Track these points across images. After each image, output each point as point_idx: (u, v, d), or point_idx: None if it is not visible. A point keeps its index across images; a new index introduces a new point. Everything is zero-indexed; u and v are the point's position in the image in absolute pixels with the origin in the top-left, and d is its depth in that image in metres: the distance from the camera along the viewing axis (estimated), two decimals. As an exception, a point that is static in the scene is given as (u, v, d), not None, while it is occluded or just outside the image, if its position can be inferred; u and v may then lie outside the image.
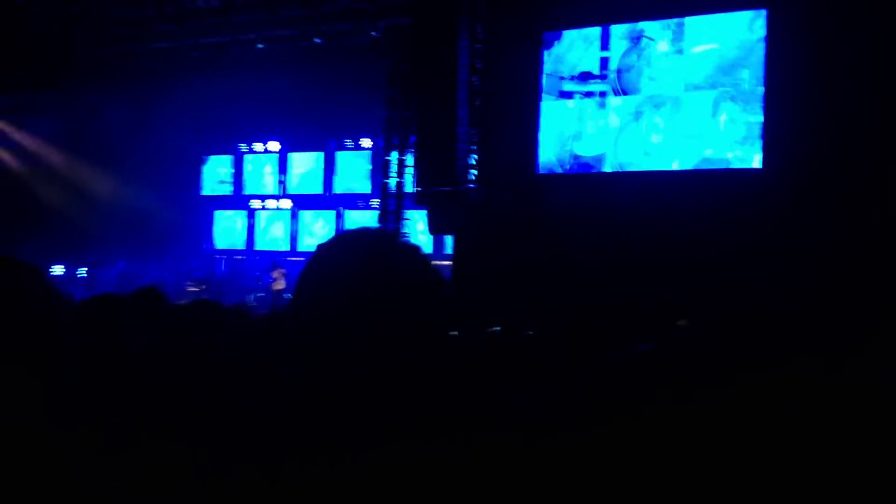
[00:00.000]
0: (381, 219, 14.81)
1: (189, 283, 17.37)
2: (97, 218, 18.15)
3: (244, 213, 19.08)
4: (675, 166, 11.65)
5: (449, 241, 14.12)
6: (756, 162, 10.99)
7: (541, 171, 12.67)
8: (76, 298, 4.31)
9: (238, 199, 19.17)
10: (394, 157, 14.73)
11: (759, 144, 10.97)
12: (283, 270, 16.51)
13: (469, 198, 12.86)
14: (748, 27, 11.16)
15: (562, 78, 12.56)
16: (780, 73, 10.67)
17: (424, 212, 13.55)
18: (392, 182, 14.79)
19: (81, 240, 18.13)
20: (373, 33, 14.86)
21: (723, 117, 11.30)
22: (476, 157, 12.96)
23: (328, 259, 1.22)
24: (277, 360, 2.53)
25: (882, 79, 9.57)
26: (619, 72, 12.12)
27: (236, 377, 2.59)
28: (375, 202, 16.38)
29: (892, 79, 9.50)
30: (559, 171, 12.57)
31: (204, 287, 17.20)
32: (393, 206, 14.71)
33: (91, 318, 2.80)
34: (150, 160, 17.99)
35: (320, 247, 1.28)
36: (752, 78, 11.09)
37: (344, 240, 1.33)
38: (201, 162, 19.52)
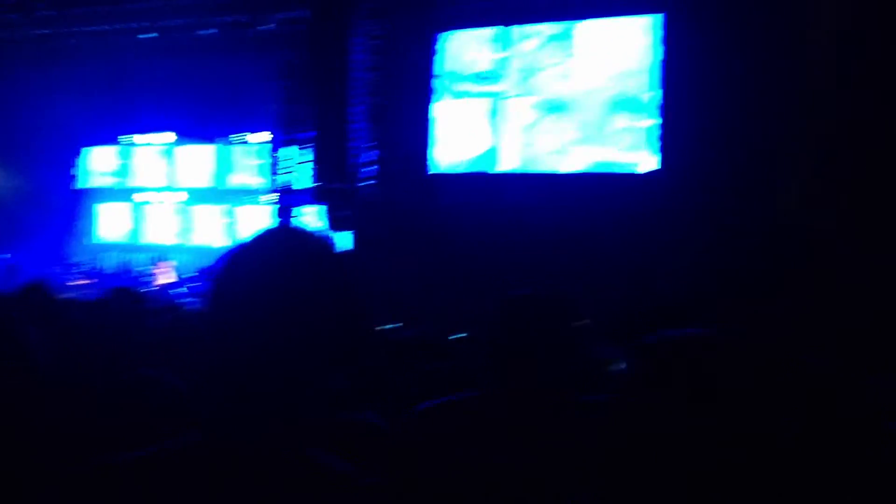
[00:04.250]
0: (275, 214, 14.56)
1: (74, 276, 16.72)
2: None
3: (131, 206, 18.43)
4: (568, 168, 11.81)
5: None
6: (647, 166, 11.24)
7: (434, 171, 12.68)
8: None
9: (125, 192, 18.50)
10: (289, 152, 14.49)
11: (649, 148, 11.23)
12: (174, 263, 16.07)
13: (364, 195, 12.77)
14: (645, 32, 11.38)
15: (457, 78, 12.58)
16: (677, 78, 10.92)
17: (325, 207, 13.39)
18: (287, 178, 14.55)
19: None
20: (271, 25, 14.58)
21: (616, 121, 11.52)
22: (372, 154, 12.87)
23: (250, 259, 1.14)
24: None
25: (774, 83, 9.91)
26: (514, 73, 12.21)
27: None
28: (270, 198, 16.05)
29: (785, 83, 9.85)
30: (453, 171, 12.59)
31: (88, 281, 16.59)
32: (287, 201, 14.48)
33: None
34: (31, 148, 17.24)
35: (239, 246, 1.21)
36: (646, 82, 11.33)
37: (267, 238, 1.24)
38: (87, 152, 18.76)
